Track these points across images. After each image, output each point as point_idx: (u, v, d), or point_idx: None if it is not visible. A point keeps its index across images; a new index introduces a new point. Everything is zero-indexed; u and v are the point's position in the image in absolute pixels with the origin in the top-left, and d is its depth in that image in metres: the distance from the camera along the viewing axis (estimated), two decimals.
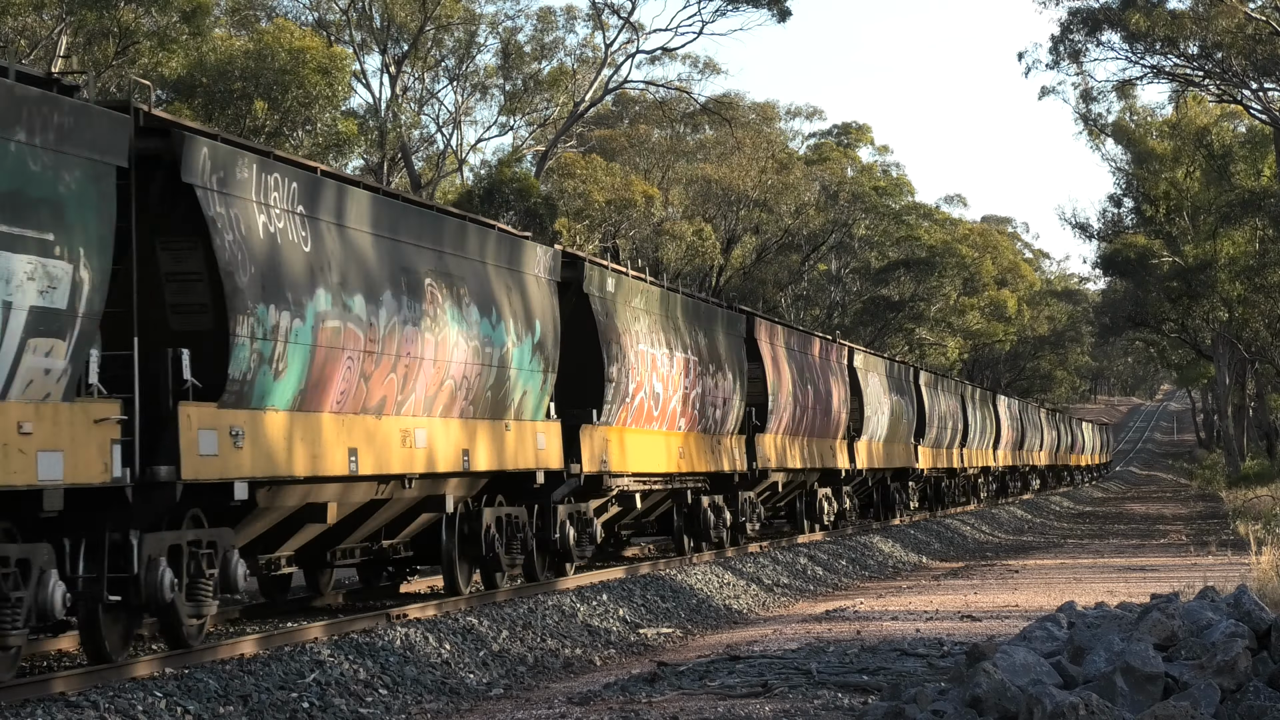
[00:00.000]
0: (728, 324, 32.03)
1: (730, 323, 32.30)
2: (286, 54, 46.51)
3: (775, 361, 34.34)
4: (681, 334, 28.47)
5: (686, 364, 28.28)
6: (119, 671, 13.92)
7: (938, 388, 55.97)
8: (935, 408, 53.64)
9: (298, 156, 17.46)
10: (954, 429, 57.36)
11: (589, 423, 23.74)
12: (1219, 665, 10.90)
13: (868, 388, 43.36)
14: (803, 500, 38.63)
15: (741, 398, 31.41)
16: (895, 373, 48.62)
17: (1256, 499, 57.56)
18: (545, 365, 22.21)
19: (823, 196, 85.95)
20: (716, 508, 30.60)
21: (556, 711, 14.08)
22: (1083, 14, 65.12)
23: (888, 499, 47.28)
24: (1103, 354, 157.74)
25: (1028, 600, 24.62)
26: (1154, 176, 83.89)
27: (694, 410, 28.56)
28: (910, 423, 49.04)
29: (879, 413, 44.28)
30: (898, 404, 47.17)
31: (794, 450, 35.19)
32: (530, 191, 60.16)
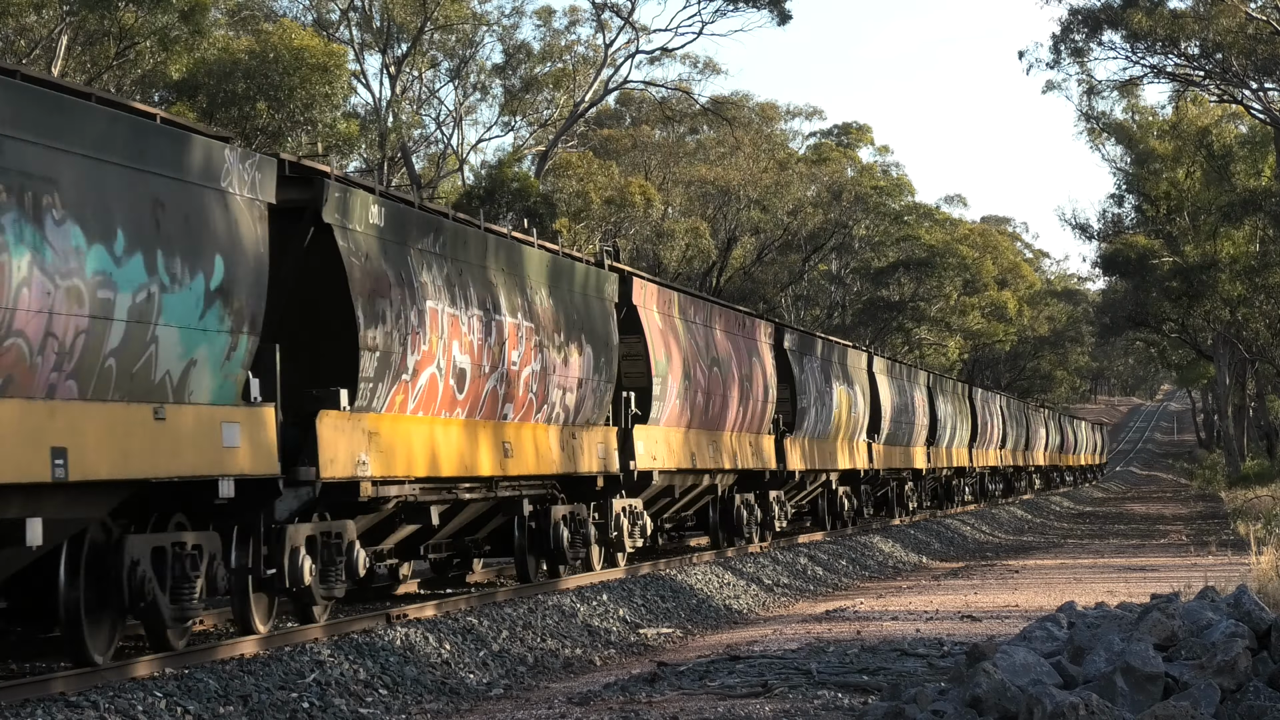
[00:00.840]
0: (592, 285, 24.78)
1: (596, 284, 25.00)
2: (289, 54, 46.54)
3: (665, 335, 27.58)
4: (509, 292, 21.19)
5: (516, 332, 21.15)
6: (119, 671, 13.92)
7: (899, 378, 49.98)
8: (894, 400, 47.53)
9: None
10: (919, 425, 51.45)
11: (333, 407, 16.84)
12: (1219, 665, 10.90)
13: (803, 374, 36.88)
14: (717, 509, 32.05)
15: (609, 379, 24.64)
16: (843, 359, 42.19)
17: (1256, 499, 57.56)
18: (237, 324, 15.25)
19: (823, 196, 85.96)
20: (577, 520, 23.85)
21: (556, 711, 14.08)
22: (1083, 13, 65.16)
23: (835, 506, 41.11)
24: (1103, 354, 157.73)
25: (1028, 600, 24.62)
26: (1154, 176, 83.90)
27: (529, 394, 21.53)
28: (860, 417, 42.59)
29: (819, 404, 37.99)
30: (845, 395, 40.91)
31: (694, 446, 28.47)
32: (530, 191, 60.18)
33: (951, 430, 56.94)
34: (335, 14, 64.96)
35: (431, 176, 70.18)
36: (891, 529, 42.59)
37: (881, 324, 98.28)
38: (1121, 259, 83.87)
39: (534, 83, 69.49)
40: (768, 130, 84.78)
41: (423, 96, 70.13)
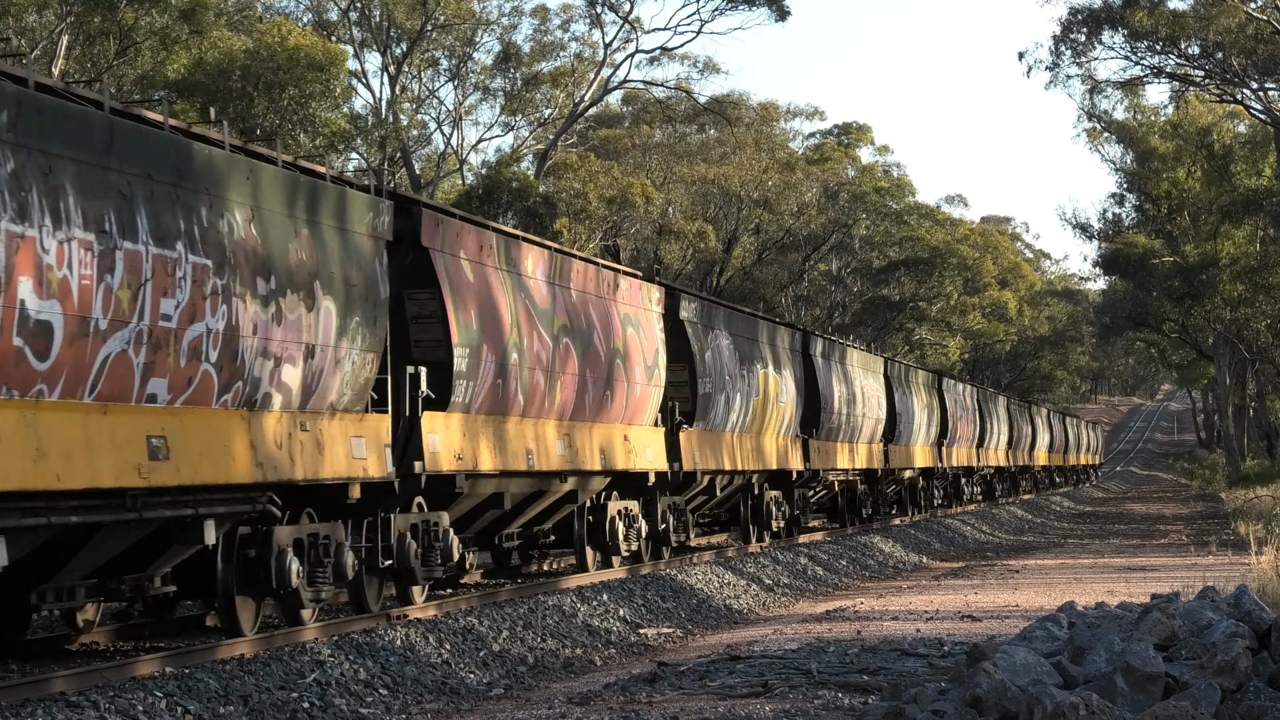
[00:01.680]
0: (342, 212, 17.42)
1: (348, 210, 17.51)
2: (284, 52, 46.55)
3: (477, 291, 20.37)
4: (159, 209, 14.24)
5: (170, 270, 14.28)
6: (119, 671, 13.93)
7: (847, 363, 42.50)
8: (842, 391, 40.78)
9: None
10: (874, 420, 44.63)
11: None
12: (1219, 665, 10.90)
13: (708, 352, 30.04)
14: (583, 520, 25.31)
15: (370, 348, 17.63)
16: (772, 338, 35.45)
17: (1257, 499, 57.56)
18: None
19: (823, 197, 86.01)
20: (315, 545, 17.41)
21: (557, 711, 14.08)
22: (1084, 13, 65.16)
23: (760, 514, 34.48)
24: (1103, 354, 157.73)
25: (1028, 600, 24.62)
26: (1155, 176, 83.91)
27: (201, 364, 14.69)
28: (791, 408, 35.81)
29: (731, 390, 31.19)
30: (770, 381, 34.15)
31: (530, 441, 21.83)
32: (529, 191, 60.19)
33: (916, 426, 50.82)
34: (334, 14, 64.96)
35: (432, 176, 70.19)
36: (892, 529, 42.58)
37: (882, 324, 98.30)
38: (1122, 259, 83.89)
39: (533, 82, 69.50)
40: (768, 130, 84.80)
41: (422, 96, 70.16)
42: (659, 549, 27.99)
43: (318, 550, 17.44)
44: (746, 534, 34.08)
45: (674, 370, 28.32)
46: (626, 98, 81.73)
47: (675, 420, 28.04)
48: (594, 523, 25.31)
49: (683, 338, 29.11)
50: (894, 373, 49.19)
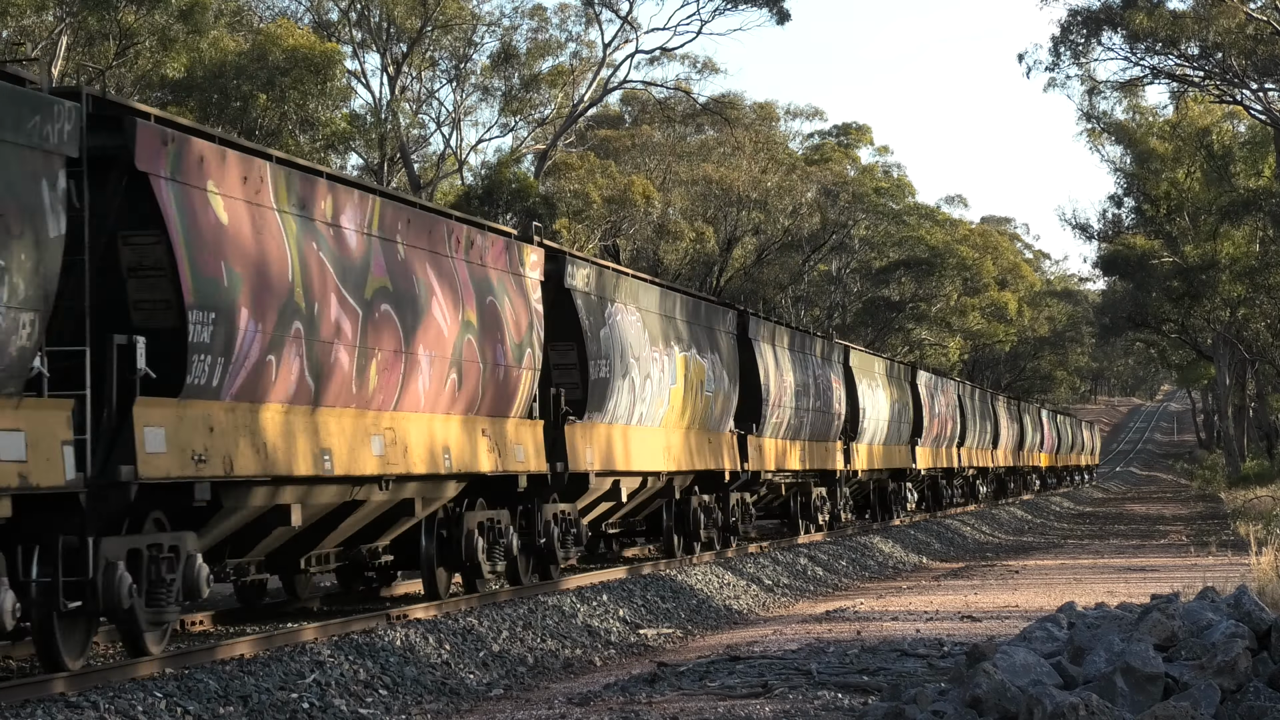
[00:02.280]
0: None
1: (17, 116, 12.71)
2: (282, 52, 46.53)
3: (236, 237, 15.36)
4: None
5: None
6: (119, 672, 13.93)
7: (798, 351, 37.38)
8: (789, 381, 35.55)
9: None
10: (830, 415, 39.23)
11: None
12: (1219, 666, 10.90)
13: (604, 329, 24.58)
14: (433, 537, 20.53)
15: (19, 304, 12.59)
16: (696, 316, 29.98)
17: (1257, 499, 57.56)
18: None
19: (823, 197, 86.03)
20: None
21: (556, 712, 14.08)
22: (1083, 14, 65.17)
23: (686, 522, 29.28)
24: (1103, 354, 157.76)
25: (1028, 601, 24.62)
26: (1154, 177, 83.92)
27: None
28: (722, 399, 30.67)
29: (634, 377, 25.57)
30: (694, 367, 28.84)
31: (328, 438, 16.73)
32: (529, 192, 60.18)
33: (883, 423, 45.81)
34: (334, 14, 64.96)
35: (431, 177, 70.20)
36: (891, 529, 42.58)
37: (882, 324, 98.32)
38: (1121, 259, 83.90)
39: (532, 83, 69.49)
40: (767, 130, 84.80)
41: (422, 97, 70.16)
42: (545, 568, 23.15)
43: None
44: (670, 546, 28.65)
45: (559, 350, 23.48)
46: (626, 98, 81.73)
47: (561, 411, 22.87)
48: (447, 538, 20.49)
49: (570, 310, 23.60)
50: (856, 363, 43.72)
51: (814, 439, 37.75)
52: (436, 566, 20.47)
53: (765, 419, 33.44)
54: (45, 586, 13.39)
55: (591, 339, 23.97)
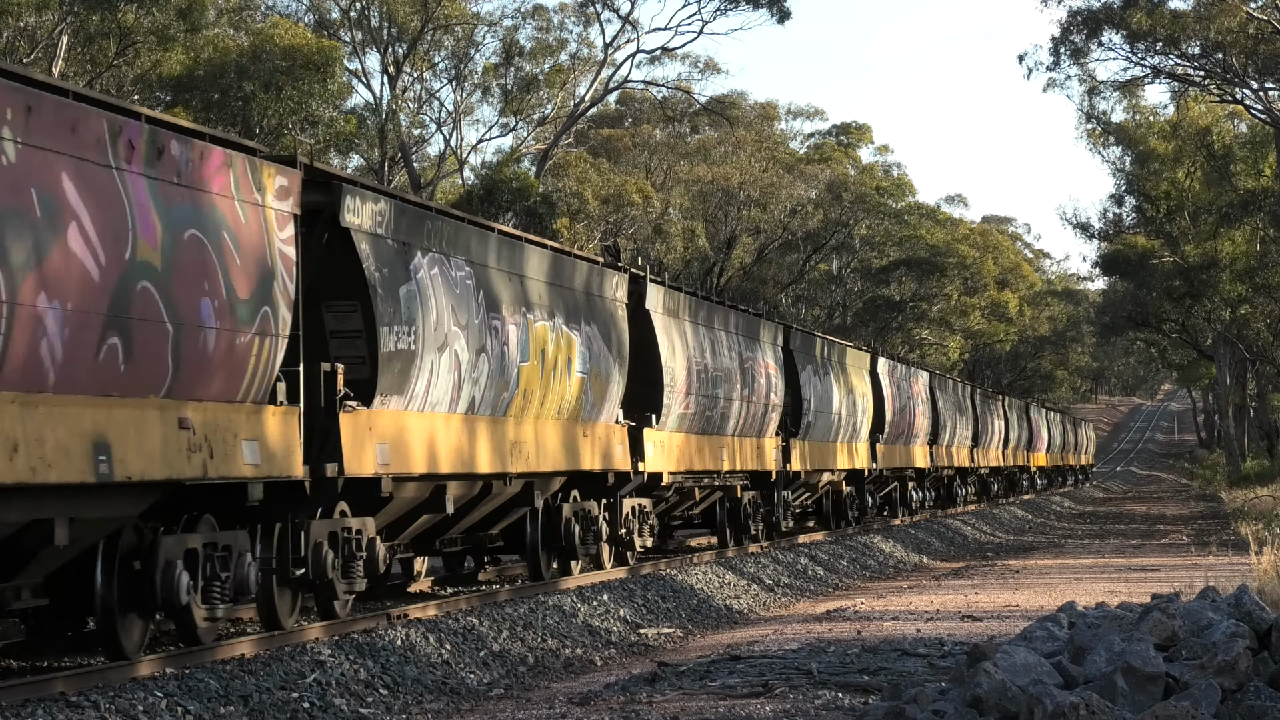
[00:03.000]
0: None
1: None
2: (281, 51, 46.54)
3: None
4: None
5: None
6: (120, 671, 13.93)
7: (716, 327, 30.93)
8: (702, 363, 29.56)
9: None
10: (763, 406, 33.20)
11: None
12: (1220, 665, 10.90)
13: (405, 286, 18.40)
14: None
15: None
16: (562, 277, 23.67)
17: (1257, 499, 57.56)
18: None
19: (826, 196, 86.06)
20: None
21: (557, 711, 14.08)
22: (1083, 14, 65.19)
23: (560, 536, 23.76)
24: (1104, 354, 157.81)
25: (1028, 600, 24.62)
26: (1155, 176, 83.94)
27: None
28: (605, 385, 24.78)
29: (458, 352, 19.64)
30: (558, 343, 22.97)
31: None
32: (529, 191, 60.19)
33: (835, 416, 40.03)
34: (335, 14, 64.99)
35: (431, 177, 70.22)
36: (892, 529, 42.57)
37: (882, 324, 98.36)
38: (1122, 259, 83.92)
39: (533, 83, 69.51)
40: (768, 130, 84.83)
41: (422, 97, 70.18)
42: (328, 608, 17.84)
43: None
44: (536, 567, 23.51)
45: (336, 312, 17.82)
46: (626, 97, 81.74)
47: (335, 395, 16.94)
48: None
49: (351, 258, 17.57)
50: (799, 346, 37.01)
51: (742, 434, 32.33)
52: None
53: (667, 408, 27.52)
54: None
55: (384, 298, 17.80)
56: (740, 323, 33.04)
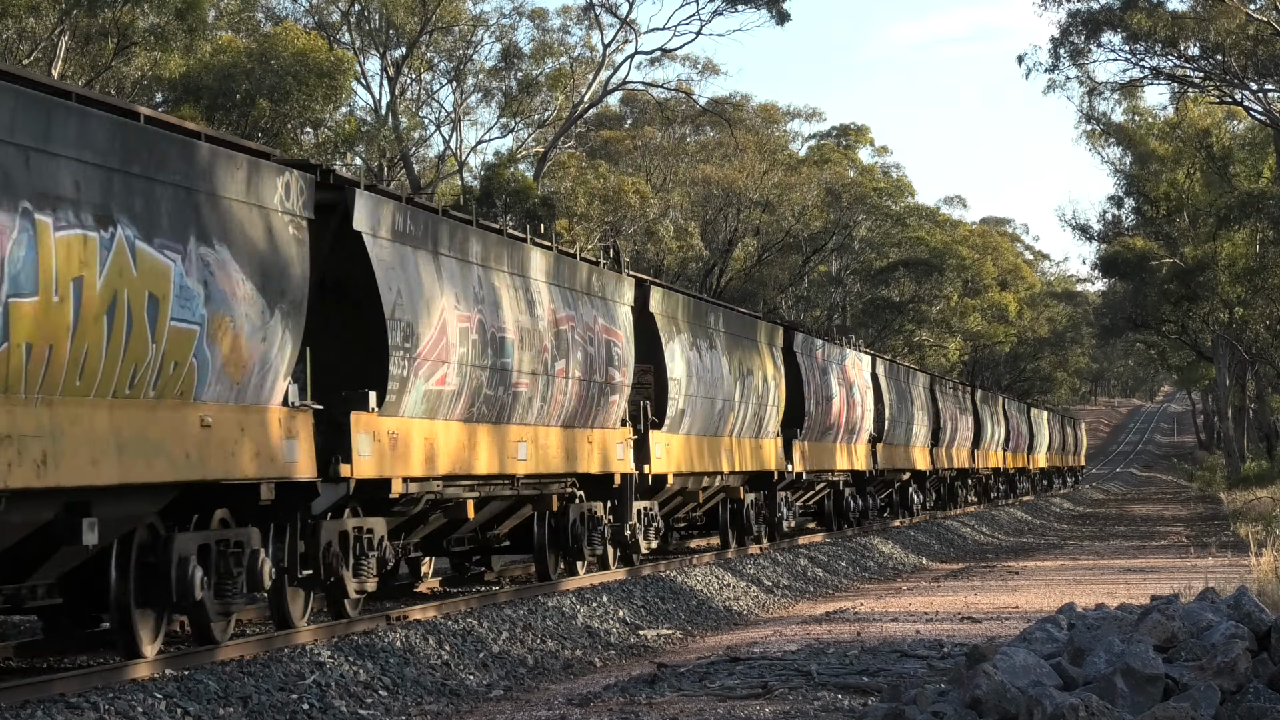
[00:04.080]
0: None
1: None
2: (289, 56, 46.57)
3: None
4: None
5: None
6: (119, 672, 13.93)
7: (501, 266, 21.28)
8: (474, 317, 20.16)
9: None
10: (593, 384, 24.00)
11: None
12: (1219, 666, 10.90)
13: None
14: None
15: None
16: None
17: (1256, 500, 57.54)
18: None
19: (826, 195, 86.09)
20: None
21: (556, 713, 14.09)
22: (1082, 15, 65.16)
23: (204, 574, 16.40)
24: (1103, 355, 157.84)
25: (1028, 601, 24.62)
26: (1154, 178, 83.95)
27: None
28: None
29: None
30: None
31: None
32: (528, 193, 60.19)
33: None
34: (335, 15, 64.99)
35: (431, 178, 70.21)
36: (892, 530, 42.57)
37: (882, 325, 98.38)
38: (1121, 260, 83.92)
39: (532, 84, 69.48)
40: (768, 131, 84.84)
41: (422, 98, 70.17)
42: None
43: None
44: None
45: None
46: (625, 99, 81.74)
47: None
48: None
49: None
50: (662, 309, 27.99)
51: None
52: None
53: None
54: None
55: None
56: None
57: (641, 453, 26.04)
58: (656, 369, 27.52)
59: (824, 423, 38.62)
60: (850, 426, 40.94)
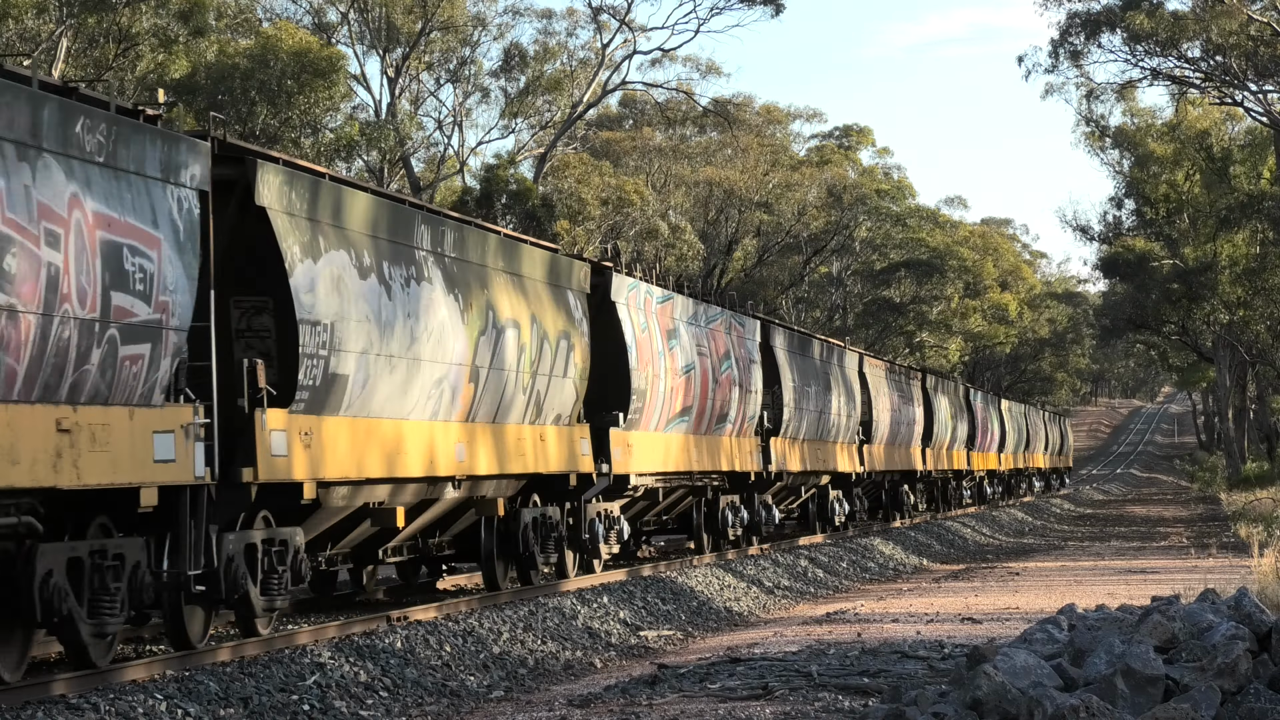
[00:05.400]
0: None
1: None
2: (287, 56, 46.55)
3: None
4: None
5: None
6: (119, 673, 13.93)
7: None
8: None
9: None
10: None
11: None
12: (1219, 667, 10.90)
13: None
14: None
15: None
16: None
17: (1257, 501, 57.54)
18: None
19: (827, 198, 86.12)
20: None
21: (557, 714, 14.08)
22: (1082, 16, 65.16)
23: None
24: (1103, 356, 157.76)
25: (1028, 602, 24.62)
26: (1154, 179, 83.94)
27: None
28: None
29: None
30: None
31: None
32: (528, 194, 60.18)
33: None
34: (335, 16, 64.99)
35: (431, 179, 70.22)
36: (892, 531, 42.54)
37: (883, 326, 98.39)
38: (1121, 261, 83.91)
39: (533, 85, 69.49)
40: (769, 132, 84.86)
41: (422, 97, 70.17)
42: None
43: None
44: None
45: None
46: (625, 99, 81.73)
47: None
48: None
49: None
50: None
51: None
52: None
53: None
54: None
55: None
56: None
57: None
58: None
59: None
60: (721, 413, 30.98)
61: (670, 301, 28.14)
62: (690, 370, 28.53)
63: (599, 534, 24.44)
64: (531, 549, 22.01)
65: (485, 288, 20.59)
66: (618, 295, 25.71)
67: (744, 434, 32.18)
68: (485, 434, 20.44)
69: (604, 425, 24.36)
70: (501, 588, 21.58)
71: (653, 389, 26.33)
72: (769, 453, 33.53)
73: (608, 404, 24.75)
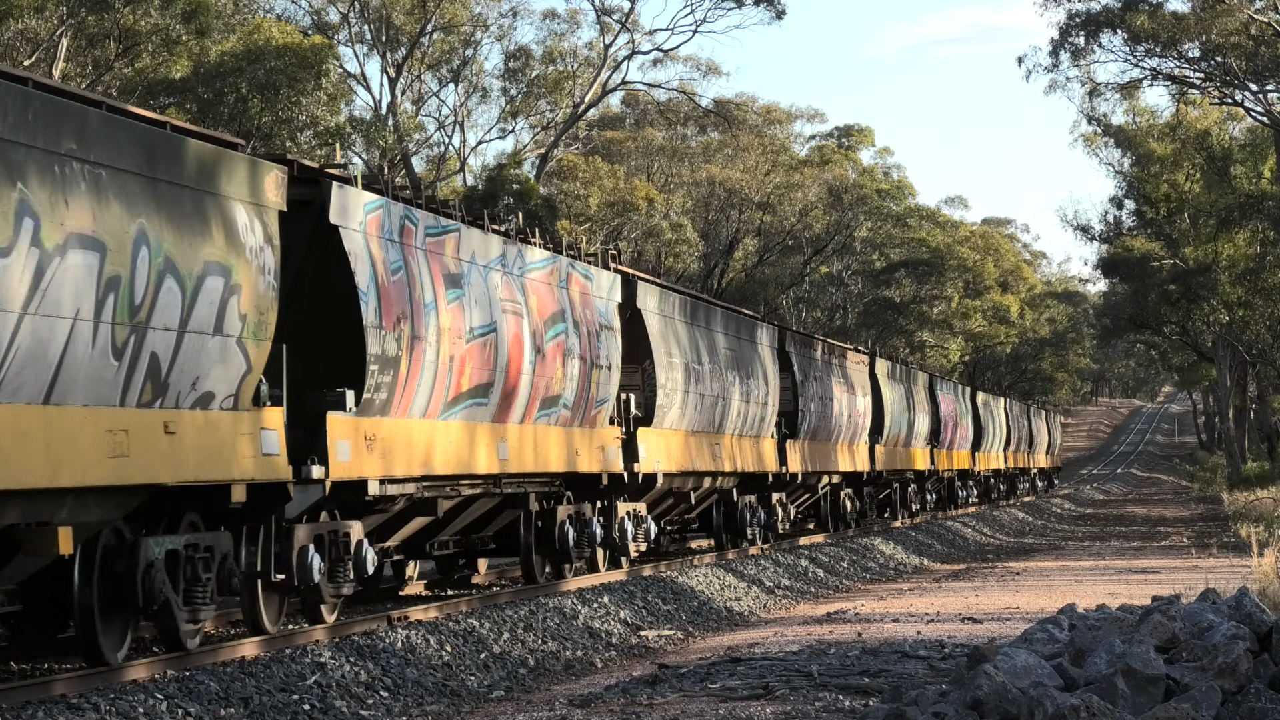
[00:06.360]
0: None
1: None
2: (274, 52, 46.46)
3: None
4: None
5: None
6: (120, 673, 13.94)
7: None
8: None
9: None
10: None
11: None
12: (1220, 667, 10.90)
13: None
14: None
15: None
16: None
17: (1257, 501, 57.54)
18: None
19: (828, 198, 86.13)
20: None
21: (557, 714, 14.09)
22: (1082, 16, 65.14)
23: None
24: (1104, 356, 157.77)
25: (1029, 602, 24.62)
26: (1154, 179, 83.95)
27: None
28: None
29: None
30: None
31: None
32: (530, 194, 60.19)
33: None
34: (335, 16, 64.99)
35: (432, 179, 70.23)
36: (892, 531, 42.54)
37: (884, 326, 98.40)
38: (1122, 261, 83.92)
39: (534, 86, 69.49)
40: (770, 132, 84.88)
41: (423, 96, 70.17)
42: None
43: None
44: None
45: None
46: (626, 99, 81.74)
47: None
48: None
49: None
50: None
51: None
52: None
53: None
54: None
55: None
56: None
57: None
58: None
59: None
60: None
61: (451, 235, 19.96)
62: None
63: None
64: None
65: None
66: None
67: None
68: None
69: (318, 409, 16.78)
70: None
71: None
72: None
73: (324, 378, 17.02)
